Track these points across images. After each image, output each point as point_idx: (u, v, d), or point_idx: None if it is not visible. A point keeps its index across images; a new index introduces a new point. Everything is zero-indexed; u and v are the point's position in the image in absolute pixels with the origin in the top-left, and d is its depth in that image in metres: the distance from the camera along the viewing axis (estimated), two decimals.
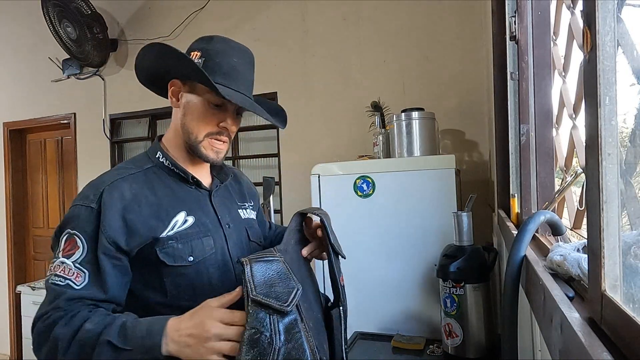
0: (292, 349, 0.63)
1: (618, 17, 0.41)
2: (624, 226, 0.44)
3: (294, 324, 0.65)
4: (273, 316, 0.64)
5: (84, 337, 0.71)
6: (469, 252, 1.34)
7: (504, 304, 0.68)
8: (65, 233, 0.80)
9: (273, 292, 0.65)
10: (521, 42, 1.04)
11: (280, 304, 0.64)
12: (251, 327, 0.63)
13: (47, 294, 0.77)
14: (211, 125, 0.88)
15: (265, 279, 0.67)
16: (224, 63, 0.86)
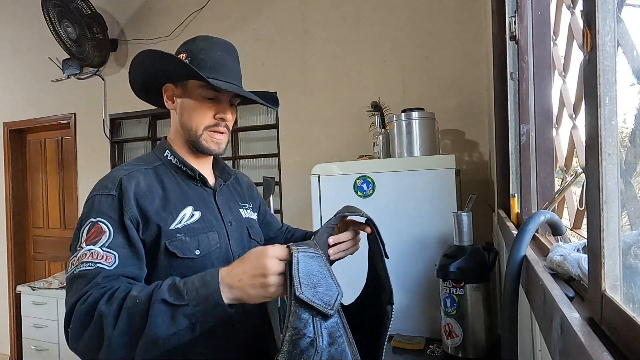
0: (335, 353, 0.63)
1: (618, 17, 0.41)
2: (624, 226, 0.44)
3: (337, 328, 0.65)
4: (316, 318, 0.63)
5: (133, 304, 0.68)
6: (469, 252, 1.34)
7: (504, 304, 0.68)
8: (87, 223, 0.79)
9: (318, 293, 0.64)
10: (521, 42, 1.04)
11: (325, 307, 0.63)
12: (293, 327, 0.62)
13: (74, 283, 0.74)
14: (208, 118, 0.91)
15: (309, 277, 0.65)
16: (208, 58, 0.90)
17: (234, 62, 0.95)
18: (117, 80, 3.38)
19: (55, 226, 3.81)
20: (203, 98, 0.91)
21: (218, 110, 0.92)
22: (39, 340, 2.95)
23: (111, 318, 0.67)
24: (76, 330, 0.70)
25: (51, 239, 3.81)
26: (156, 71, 0.92)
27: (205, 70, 0.88)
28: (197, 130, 0.91)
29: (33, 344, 2.97)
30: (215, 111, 0.92)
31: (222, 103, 0.92)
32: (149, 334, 0.66)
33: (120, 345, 0.67)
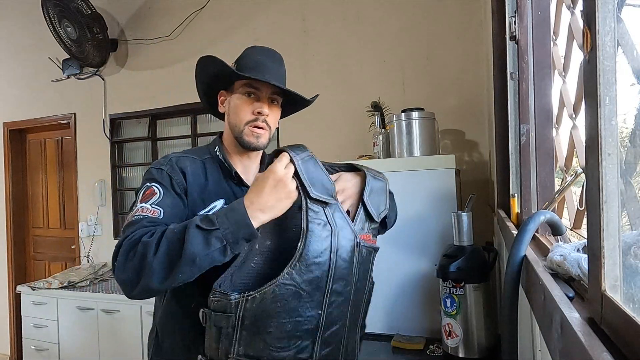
0: (344, 229, 0.81)
1: (618, 17, 0.41)
2: (624, 226, 0.44)
3: (340, 213, 0.81)
4: (325, 208, 0.80)
5: (171, 233, 0.78)
6: (469, 252, 1.34)
7: (504, 304, 0.68)
8: (144, 187, 0.92)
9: (321, 189, 0.80)
10: (521, 42, 1.04)
11: (329, 198, 0.80)
12: (312, 217, 0.78)
13: (125, 230, 0.84)
14: (248, 113, 1.00)
15: (311, 178, 0.81)
16: (249, 60, 1.02)
17: (275, 64, 1.05)
18: (117, 80, 3.38)
19: (55, 226, 3.81)
20: (245, 96, 1.00)
21: (257, 106, 1.00)
22: (39, 340, 2.95)
23: (152, 247, 0.76)
24: (122, 262, 0.78)
25: (51, 239, 3.81)
26: (208, 75, 1.04)
27: (246, 70, 0.98)
28: (239, 125, 1.00)
29: (33, 344, 2.97)
30: (255, 107, 1.00)
31: (261, 99, 1.00)
32: (187, 254, 0.74)
33: (160, 269, 0.75)
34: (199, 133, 3.20)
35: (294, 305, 0.76)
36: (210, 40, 3.02)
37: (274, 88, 1.01)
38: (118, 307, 2.66)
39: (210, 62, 1.01)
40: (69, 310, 2.83)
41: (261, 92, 1.00)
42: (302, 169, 0.80)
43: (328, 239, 0.78)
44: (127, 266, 0.77)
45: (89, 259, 3.44)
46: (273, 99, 1.03)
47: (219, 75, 1.02)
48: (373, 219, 0.89)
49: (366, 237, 0.86)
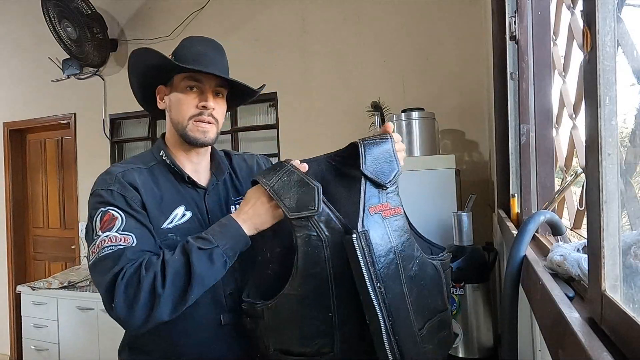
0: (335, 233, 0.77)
1: (618, 17, 0.41)
2: (624, 226, 0.44)
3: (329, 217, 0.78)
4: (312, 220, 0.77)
5: (172, 261, 0.77)
6: (469, 252, 1.34)
7: (504, 304, 0.68)
8: (98, 213, 0.84)
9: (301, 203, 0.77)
10: (521, 42, 1.04)
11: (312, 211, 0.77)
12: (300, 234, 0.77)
13: (99, 266, 0.79)
14: (191, 107, 0.94)
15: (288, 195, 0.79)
16: (188, 51, 0.94)
17: (217, 55, 0.98)
18: (117, 80, 3.38)
19: (55, 226, 3.80)
20: (186, 89, 0.94)
21: (201, 99, 0.94)
22: (39, 340, 2.95)
23: (159, 279, 0.75)
24: (127, 302, 0.75)
25: (51, 239, 3.81)
26: (144, 68, 0.96)
27: (186, 62, 0.91)
28: (182, 121, 0.94)
29: (33, 344, 2.97)
30: (198, 100, 0.94)
31: (205, 92, 0.94)
32: (196, 277, 0.76)
33: (172, 298, 0.75)
34: None
35: (304, 312, 0.78)
36: None
37: (218, 80, 0.94)
38: None
39: (146, 54, 0.93)
40: (69, 310, 2.83)
41: (204, 85, 0.94)
42: (276, 195, 0.79)
43: (321, 249, 0.76)
44: (134, 306, 0.75)
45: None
46: (218, 92, 0.97)
47: (157, 68, 0.94)
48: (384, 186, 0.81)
49: (383, 206, 0.80)
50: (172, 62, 0.91)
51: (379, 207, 0.80)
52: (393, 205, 0.82)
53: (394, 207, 0.82)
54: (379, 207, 0.80)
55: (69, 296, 2.84)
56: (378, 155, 0.84)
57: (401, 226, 0.81)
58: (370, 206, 0.79)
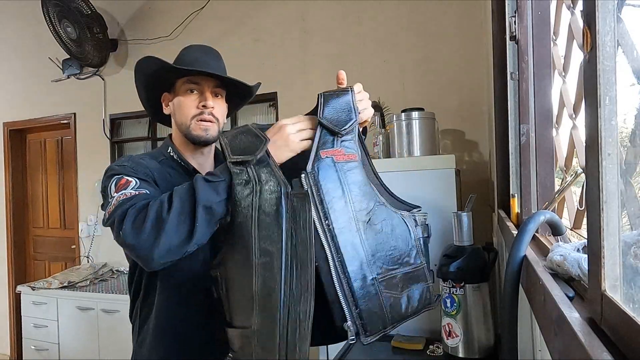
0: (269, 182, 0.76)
1: (618, 17, 0.41)
2: (624, 226, 0.44)
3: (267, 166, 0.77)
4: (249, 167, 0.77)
5: (180, 190, 0.78)
6: (469, 252, 1.34)
7: (504, 304, 0.68)
8: (113, 180, 0.88)
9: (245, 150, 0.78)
10: (521, 42, 1.04)
11: (250, 156, 0.77)
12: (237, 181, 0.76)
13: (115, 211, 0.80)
14: (193, 108, 1.00)
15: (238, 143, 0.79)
16: (186, 58, 1.02)
17: (213, 60, 1.04)
18: (117, 80, 3.38)
19: (55, 226, 3.81)
20: (187, 92, 1.01)
21: (201, 99, 1.01)
22: (39, 340, 2.95)
23: (165, 205, 0.76)
24: (134, 228, 0.76)
25: (51, 239, 3.81)
26: (147, 76, 1.03)
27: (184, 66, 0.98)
28: (186, 122, 1.01)
29: (33, 344, 2.97)
30: (198, 101, 1.01)
31: (204, 93, 1.01)
32: (203, 202, 0.75)
33: (177, 224, 0.74)
34: None
35: (235, 272, 0.76)
36: (210, 40, 3.00)
37: (215, 81, 1.01)
38: (118, 307, 2.66)
39: (146, 62, 1.00)
40: (69, 310, 2.83)
41: (203, 87, 1.01)
42: (225, 142, 0.80)
43: (250, 197, 0.75)
44: (141, 229, 0.74)
45: (89, 259, 3.44)
46: (217, 93, 1.04)
47: (158, 73, 1.01)
48: (339, 133, 0.82)
49: (336, 151, 0.81)
50: (169, 65, 0.98)
51: (330, 152, 0.81)
52: (347, 152, 0.83)
53: (348, 153, 0.83)
54: (330, 152, 0.81)
55: (69, 296, 2.84)
56: (336, 106, 0.86)
57: (355, 171, 0.81)
58: (322, 150, 0.81)
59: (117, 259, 3.38)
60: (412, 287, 0.84)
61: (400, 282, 0.82)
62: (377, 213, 0.82)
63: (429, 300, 0.88)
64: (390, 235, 0.83)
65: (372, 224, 0.80)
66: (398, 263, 0.83)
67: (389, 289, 0.80)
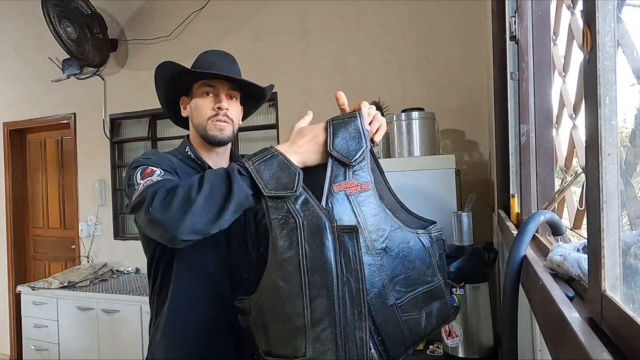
0: (312, 217, 0.76)
1: (618, 17, 0.41)
2: (624, 226, 0.44)
3: (306, 201, 0.78)
4: (289, 202, 0.77)
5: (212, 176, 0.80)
6: (469, 252, 1.34)
7: (504, 304, 0.68)
8: (138, 170, 0.90)
9: (281, 185, 0.77)
10: (521, 42, 1.04)
11: (291, 192, 0.77)
12: (276, 216, 0.76)
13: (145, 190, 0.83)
14: (208, 110, 1.05)
15: (271, 175, 0.78)
16: (202, 62, 1.07)
17: (228, 64, 1.08)
18: (117, 80, 3.38)
19: (55, 226, 3.81)
20: (203, 95, 1.06)
21: (216, 101, 1.05)
22: (39, 340, 2.95)
23: (195, 187, 0.78)
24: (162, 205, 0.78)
25: (51, 239, 3.81)
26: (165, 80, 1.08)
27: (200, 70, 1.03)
28: (202, 122, 1.06)
29: (33, 344, 2.97)
30: (214, 103, 1.05)
31: (219, 95, 1.06)
32: (238, 194, 0.77)
33: (203, 206, 0.76)
34: None
35: (280, 304, 0.76)
36: (210, 40, 3.02)
37: (229, 84, 1.06)
38: (118, 307, 2.66)
39: (165, 67, 1.05)
40: (69, 310, 2.84)
41: (218, 89, 1.05)
42: (254, 172, 0.78)
43: (294, 231, 0.75)
44: (169, 206, 0.77)
45: (89, 259, 3.44)
46: (231, 95, 1.08)
47: (176, 78, 1.06)
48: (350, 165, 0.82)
49: (349, 184, 0.81)
50: (185, 69, 1.02)
51: (343, 185, 0.81)
52: (360, 182, 0.82)
53: (360, 183, 0.82)
54: (343, 185, 0.81)
55: (69, 296, 2.84)
56: (346, 135, 0.85)
57: (369, 200, 0.81)
58: (335, 184, 0.80)
59: (117, 259, 3.38)
60: (431, 305, 0.85)
61: (419, 303, 0.83)
62: (393, 238, 0.82)
63: (447, 315, 0.89)
64: (407, 258, 0.83)
65: (388, 250, 0.81)
66: (417, 284, 0.83)
67: (407, 312, 0.81)
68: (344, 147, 0.83)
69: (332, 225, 0.76)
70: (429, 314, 0.84)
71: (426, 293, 0.84)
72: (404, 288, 0.81)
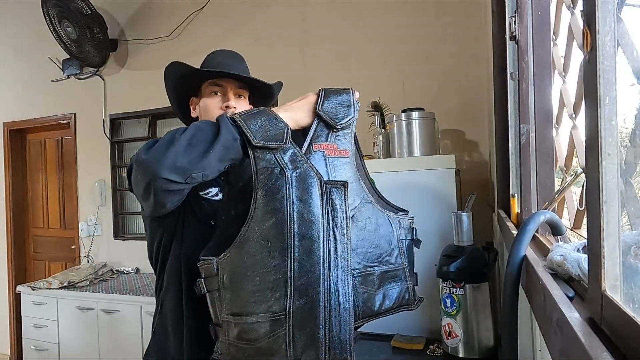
0: (300, 173, 0.77)
1: (618, 17, 0.41)
2: (624, 226, 0.44)
3: (294, 155, 0.78)
4: (277, 154, 0.77)
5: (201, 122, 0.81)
6: (469, 252, 1.34)
7: (504, 304, 0.68)
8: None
9: (269, 136, 0.77)
10: (521, 42, 1.04)
11: (279, 143, 0.77)
12: (263, 167, 0.76)
13: None
14: (216, 109, 1.05)
15: (259, 127, 0.78)
16: (211, 62, 1.09)
17: (235, 62, 1.10)
18: (117, 80, 3.38)
19: (55, 226, 3.81)
20: (212, 94, 1.06)
21: (224, 100, 1.06)
22: (39, 340, 2.95)
23: (181, 130, 0.79)
24: (148, 145, 0.80)
25: (51, 239, 3.81)
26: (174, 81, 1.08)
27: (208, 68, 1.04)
28: None
29: (33, 344, 2.97)
30: (222, 102, 1.06)
31: (227, 94, 1.06)
32: (225, 135, 0.77)
33: (186, 145, 0.75)
34: None
35: (259, 258, 0.75)
36: (210, 40, 3.02)
37: (237, 82, 1.06)
38: (118, 307, 2.66)
39: (172, 68, 1.07)
40: (69, 310, 2.84)
41: (226, 88, 1.06)
42: (243, 123, 0.78)
43: (283, 184, 0.75)
44: (153, 147, 0.77)
45: (89, 259, 3.44)
46: (240, 94, 1.09)
47: (184, 78, 1.07)
48: (335, 127, 0.83)
49: (329, 145, 0.82)
50: (193, 68, 1.03)
51: (323, 146, 0.81)
52: (340, 148, 0.83)
53: (340, 149, 0.83)
54: (323, 146, 0.81)
55: (69, 296, 2.84)
56: (336, 100, 0.86)
57: (345, 167, 0.82)
58: (315, 143, 0.81)
59: (117, 259, 3.38)
60: (390, 285, 0.86)
61: (377, 280, 0.84)
62: (363, 210, 0.83)
63: (407, 301, 0.90)
64: (373, 234, 0.85)
65: (355, 220, 0.82)
66: (378, 261, 0.85)
67: (364, 285, 0.82)
68: (332, 111, 0.84)
69: (320, 179, 0.77)
70: (386, 294, 0.85)
71: (387, 273, 0.86)
72: (364, 262, 0.83)
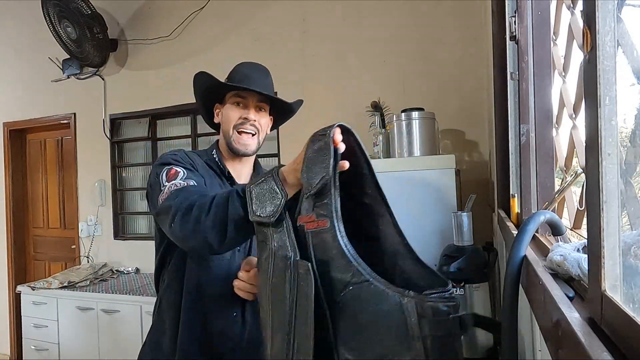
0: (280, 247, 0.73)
1: (618, 17, 0.41)
2: (624, 226, 0.44)
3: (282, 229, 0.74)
4: (269, 228, 0.75)
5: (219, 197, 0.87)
6: (469, 252, 1.34)
7: (504, 304, 0.68)
8: (164, 170, 1.00)
9: (264, 210, 0.77)
10: (521, 42, 1.04)
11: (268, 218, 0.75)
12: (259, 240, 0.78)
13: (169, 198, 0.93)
14: (236, 119, 1.12)
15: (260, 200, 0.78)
16: (237, 74, 1.15)
17: (261, 76, 1.16)
18: (117, 80, 3.38)
19: (55, 226, 3.81)
20: (234, 104, 1.13)
21: (244, 112, 1.12)
22: (39, 340, 2.95)
23: (205, 209, 0.86)
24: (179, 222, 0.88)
25: (51, 239, 3.81)
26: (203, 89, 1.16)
27: (234, 82, 1.12)
28: (229, 130, 1.13)
29: (33, 344, 2.97)
30: (242, 113, 1.12)
31: (248, 106, 1.13)
32: (232, 214, 0.83)
33: (211, 227, 0.84)
34: (199, 133, 3.20)
35: None
36: (210, 40, 3.02)
37: (259, 96, 1.13)
38: (118, 307, 2.66)
39: (202, 77, 1.15)
40: (69, 310, 2.84)
41: (248, 101, 1.13)
42: (248, 196, 0.80)
43: (268, 258, 0.74)
44: (184, 226, 0.87)
45: (89, 259, 3.44)
46: (260, 107, 1.15)
47: (210, 88, 1.15)
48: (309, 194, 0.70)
49: (308, 217, 0.69)
50: (219, 81, 1.12)
51: (304, 219, 0.70)
52: (318, 217, 0.67)
53: (319, 219, 0.67)
54: (304, 219, 0.70)
55: (69, 296, 2.84)
56: (312, 155, 0.71)
57: (324, 241, 0.66)
58: (300, 216, 0.71)
59: (117, 259, 3.38)
60: None
61: None
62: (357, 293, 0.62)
63: None
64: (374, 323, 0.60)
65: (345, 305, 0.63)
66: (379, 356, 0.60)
67: None
68: (309, 171, 0.70)
69: (295, 259, 0.68)
70: None
71: None
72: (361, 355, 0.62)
